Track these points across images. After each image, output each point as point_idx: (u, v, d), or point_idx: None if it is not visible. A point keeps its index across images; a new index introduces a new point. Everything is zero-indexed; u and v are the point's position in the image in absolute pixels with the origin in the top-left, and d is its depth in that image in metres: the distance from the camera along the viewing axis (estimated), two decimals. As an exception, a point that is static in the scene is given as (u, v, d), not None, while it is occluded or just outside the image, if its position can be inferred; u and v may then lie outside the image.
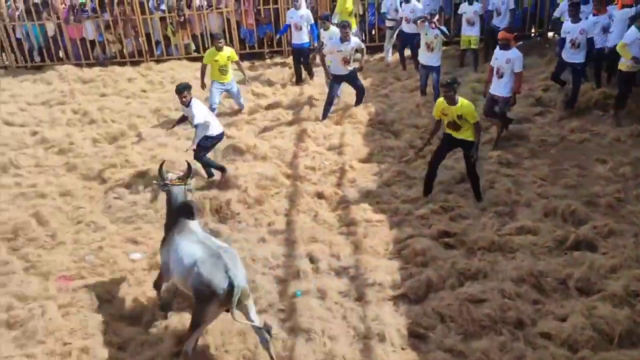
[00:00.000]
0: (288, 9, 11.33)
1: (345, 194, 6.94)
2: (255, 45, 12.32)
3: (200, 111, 6.99)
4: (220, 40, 8.88)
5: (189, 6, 11.97)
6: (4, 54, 12.40)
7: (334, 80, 8.84)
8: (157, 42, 12.34)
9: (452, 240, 5.90)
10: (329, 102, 8.94)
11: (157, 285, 5.13)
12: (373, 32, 12.35)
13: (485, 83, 8.05)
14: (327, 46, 8.79)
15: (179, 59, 12.13)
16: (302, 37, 10.20)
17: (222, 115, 9.37)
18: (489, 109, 7.85)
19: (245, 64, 11.92)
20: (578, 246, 5.67)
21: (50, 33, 12.17)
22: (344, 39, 8.56)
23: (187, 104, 6.98)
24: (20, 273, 5.82)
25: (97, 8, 12.02)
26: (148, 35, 12.16)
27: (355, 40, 8.85)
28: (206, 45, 12.07)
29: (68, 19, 11.94)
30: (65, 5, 12.11)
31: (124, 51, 12.26)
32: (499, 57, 7.51)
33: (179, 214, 4.91)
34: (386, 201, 6.78)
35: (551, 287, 5.20)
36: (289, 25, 10.47)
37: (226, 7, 12.01)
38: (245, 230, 6.39)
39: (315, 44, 10.16)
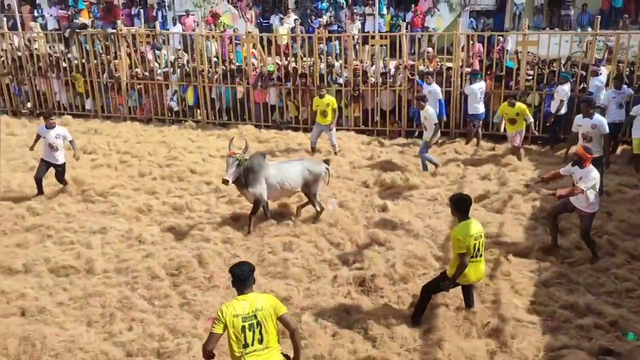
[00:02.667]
0: (461, 93, 11.70)
1: (497, 286, 6.56)
2: (423, 124, 12.47)
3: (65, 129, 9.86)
4: (322, 90, 11.15)
5: (364, 82, 12.61)
6: (198, 110, 14.03)
7: None
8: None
9: (615, 361, 5.23)
10: None
11: (254, 212, 8.04)
12: (547, 124, 11.86)
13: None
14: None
15: (347, 129, 12.71)
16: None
17: (382, 186, 9.56)
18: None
19: (410, 141, 12.16)
20: None
21: (239, 96, 13.56)
22: (585, 114, 8.41)
23: (53, 127, 9.38)
24: (176, 308, 6.32)
25: (282, 77, 13.19)
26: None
27: (597, 119, 8.39)
28: (375, 120, 12.58)
29: (256, 84, 13.24)
30: (255, 72, 13.48)
31: (299, 118, 13.19)
32: (575, 174, 6.88)
33: (257, 162, 7.91)
34: (542, 302, 6.25)
35: None
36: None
37: (399, 85, 12.43)
38: (386, 306, 6.28)
39: (443, 117, 11.54)
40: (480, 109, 11.36)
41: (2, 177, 10.30)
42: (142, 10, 21.14)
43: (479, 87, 11.35)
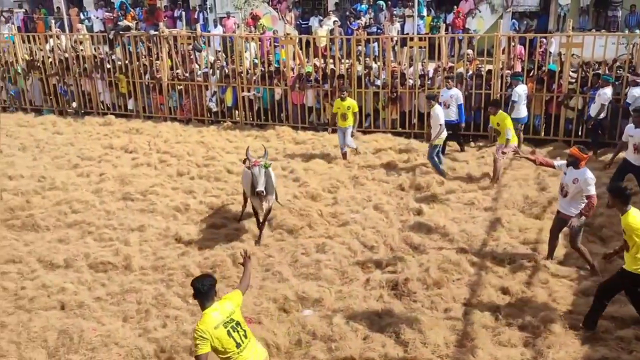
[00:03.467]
0: (500, 96, 11.50)
1: (534, 294, 6.39)
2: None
3: None
4: (344, 93, 10.96)
5: (402, 84, 12.51)
6: (236, 111, 14.18)
7: (623, 164, 8.42)
8: (367, 115, 13.04)
9: (657, 375, 5.03)
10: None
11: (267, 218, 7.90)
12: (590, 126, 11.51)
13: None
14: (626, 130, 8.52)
15: (384, 132, 12.62)
16: (449, 114, 10.71)
17: (418, 189, 9.45)
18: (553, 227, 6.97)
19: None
20: None
21: (277, 97, 13.64)
22: (637, 124, 8.12)
23: None
24: (210, 306, 6.39)
25: (320, 79, 13.21)
26: (360, 108, 12.92)
27: None
28: (412, 122, 12.47)
29: (294, 86, 13.30)
30: (293, 74, 13.54)
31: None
32: (567, 174, 6.61)
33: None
34: (581, 312, 6.04)
35: None
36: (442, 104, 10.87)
37: (437, 87, 12.27)
38: (418, 311, 6.21)
39: (462, 124, 11.19)
40: (523, 112, 11.06)
41: (47, 174, 10.65)
42: (184, 13, 21.55)
43: (523, 89, 11.06)
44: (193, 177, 10.54)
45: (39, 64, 15.73)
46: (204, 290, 4.39)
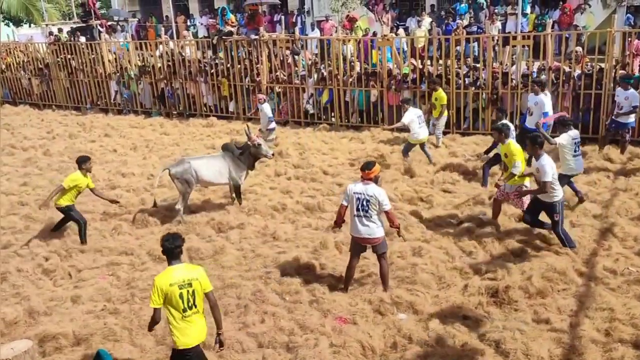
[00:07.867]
0: (612, 95, 10.80)
1: (650, 310, 5.91)
2: (569, 130, 11.62)
3: None
4: (433, 84, 11.75)
5: (504, 84, 12.04)
6: (332, 113, 14.32)
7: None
8: (466, 117, 12.70)
9: None
10: None
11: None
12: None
13: None
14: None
15: (484, 134, 12.22)
16: (530, 121, 10.12)
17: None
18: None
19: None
20: None
21: (373, 99, 13.62)
22: (530, 152, 7.34)
23: None
24: (306, 304, 6.48)
25: (417, 79, 13.03)
26: (458, 109, 12.61)
27: (542, 161, 7.00)
28: (515, 123, 11.95)
29: (390, 86, 13.21)
30: (390, 75, 13.44)
31: (433, 121, 12.93)
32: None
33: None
34: None
35: None
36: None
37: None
38: (520, 320, 5.93)
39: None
40: (631, 116, 10.32)
41: (156, 173, 11.30)
42: (283, 17, 22.10)
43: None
44: (290, 177, 10.77)
45: (149, 69, 16.77)
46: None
